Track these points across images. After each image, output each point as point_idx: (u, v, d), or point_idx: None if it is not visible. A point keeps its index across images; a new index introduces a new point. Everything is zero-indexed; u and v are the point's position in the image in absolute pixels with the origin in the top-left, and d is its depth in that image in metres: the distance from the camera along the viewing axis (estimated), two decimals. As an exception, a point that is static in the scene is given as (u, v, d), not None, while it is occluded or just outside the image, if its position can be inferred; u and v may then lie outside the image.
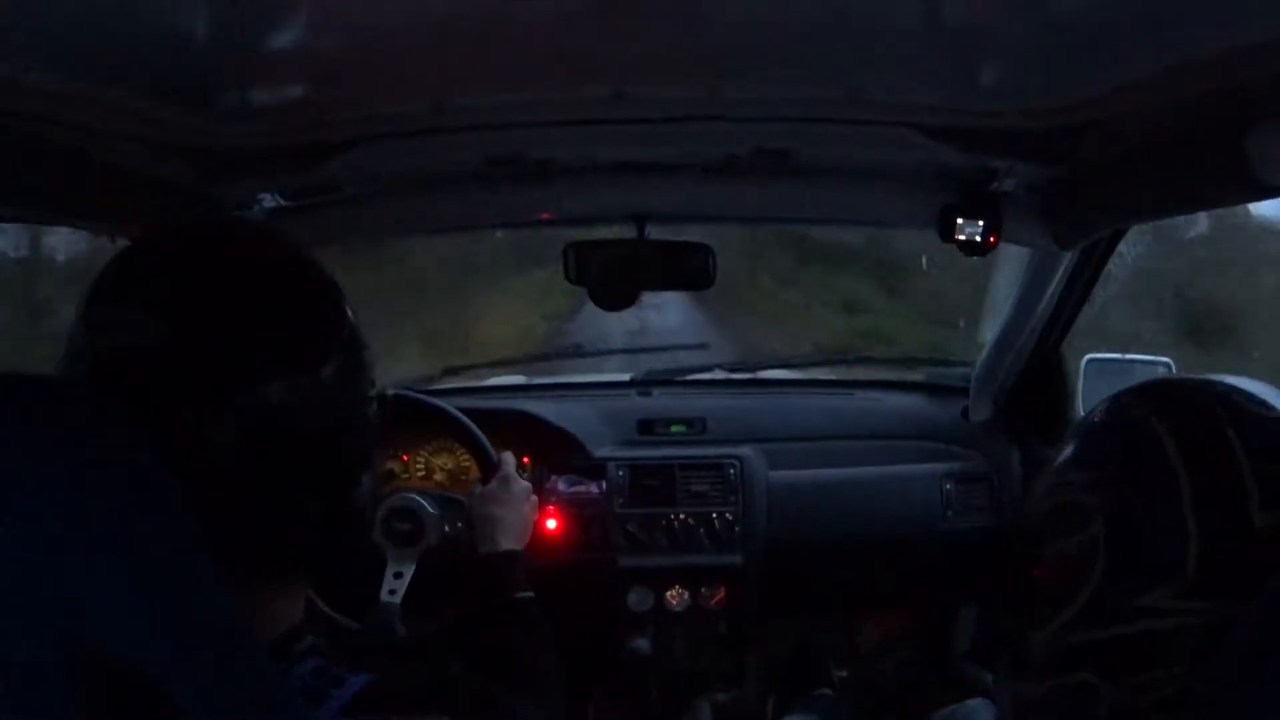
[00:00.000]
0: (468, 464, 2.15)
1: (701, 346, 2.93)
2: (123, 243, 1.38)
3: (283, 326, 0.78)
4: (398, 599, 1.82)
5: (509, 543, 1.67)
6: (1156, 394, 0.85)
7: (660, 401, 2.48)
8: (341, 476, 0.83)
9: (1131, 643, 0.77)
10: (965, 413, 2.39)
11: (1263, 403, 0.82)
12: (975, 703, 1.19)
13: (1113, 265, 1.94)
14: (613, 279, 1.78)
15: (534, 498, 1.79)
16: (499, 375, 2.82)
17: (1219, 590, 0.74)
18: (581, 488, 2.18)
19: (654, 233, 1.83)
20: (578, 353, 2.86)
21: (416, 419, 2.05)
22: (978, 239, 1.64)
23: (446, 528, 1.89)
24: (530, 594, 1.56)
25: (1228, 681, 0.71)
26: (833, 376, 2.81)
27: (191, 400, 0.72)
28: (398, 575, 1.84)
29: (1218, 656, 0.72)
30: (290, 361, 0.78)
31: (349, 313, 0.85)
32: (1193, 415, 0.80)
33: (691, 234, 1.93)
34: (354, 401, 0.84)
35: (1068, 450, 0.88)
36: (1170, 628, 0.75)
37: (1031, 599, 0.86)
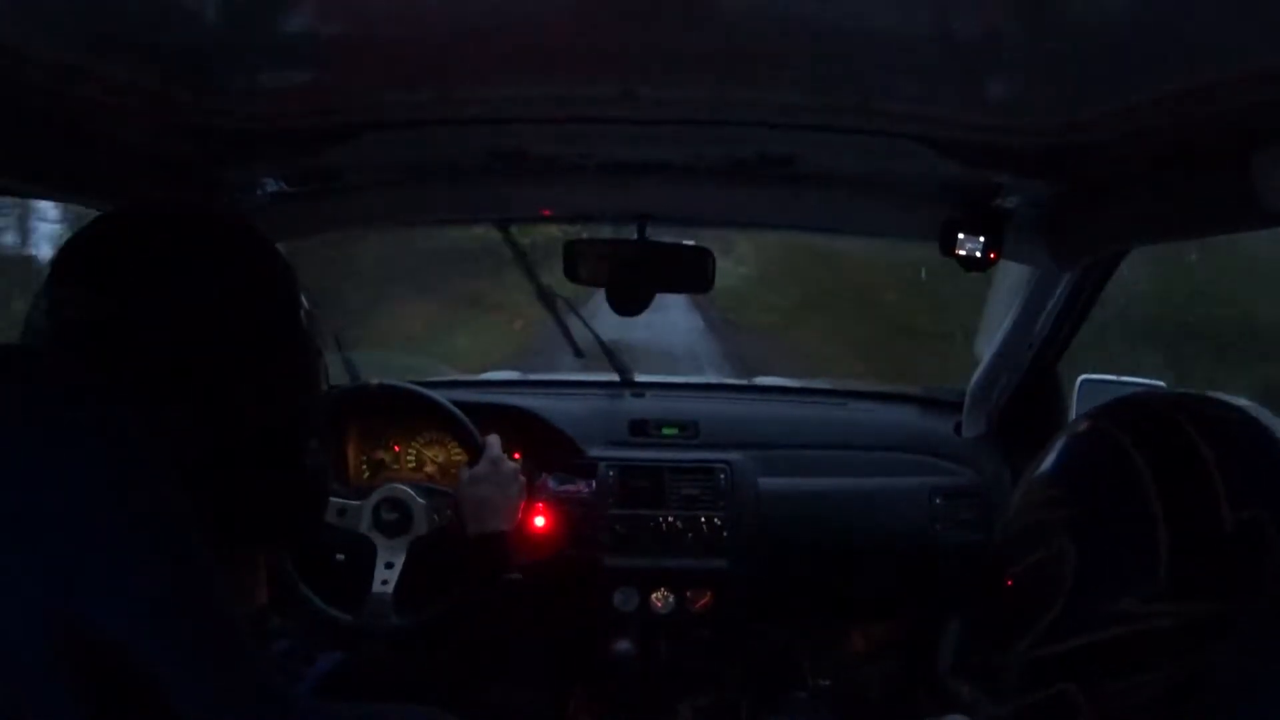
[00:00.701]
0: (459, 457, 2.15)
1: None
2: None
3: (231, 310, 0.78)
4: (390, 589, 1.83)
5: (497, 524, 1.68)
6: (1122, 409, 0.85)
7: (653, 403, 2.48)
8: (290, 450, 0.84)
9: (1106, 649, 0.77)
10: (958, 428, 2.39)
11: (1229, 407, 0.83)
12: (958, 718, 1.19)
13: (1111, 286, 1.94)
14: (611, 279, 1.78)
15: (521, 479, 1.80)
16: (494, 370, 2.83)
17: (1192, 591, 0.74)
18: (571, 486, 2.18)
19: (653, 234, 1.83)
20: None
21: (406, 409, 2.06)
22: (978, 254, 1.64)
23: (435, 516, 1.89)
24: (517, 575, 1.57)
25: (1232, 680, 0.72)
26: (827, 385, 2.81)
27: (141, 377, 0.72)
28: (389, 565, 1.85)
29: (1208, 656, 0.73)
30: (239, 345, 0.78)
31: (303, 299, 0.85)
32: (1157, 425, 0.80)
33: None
34: (304, 384, 0.84)
35: (1036, 470, 0.88)
36: (1144, 631, 0.75)
37: (1001, 618, 0.87)
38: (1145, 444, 0.79)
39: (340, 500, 1.87)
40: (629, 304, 1.79)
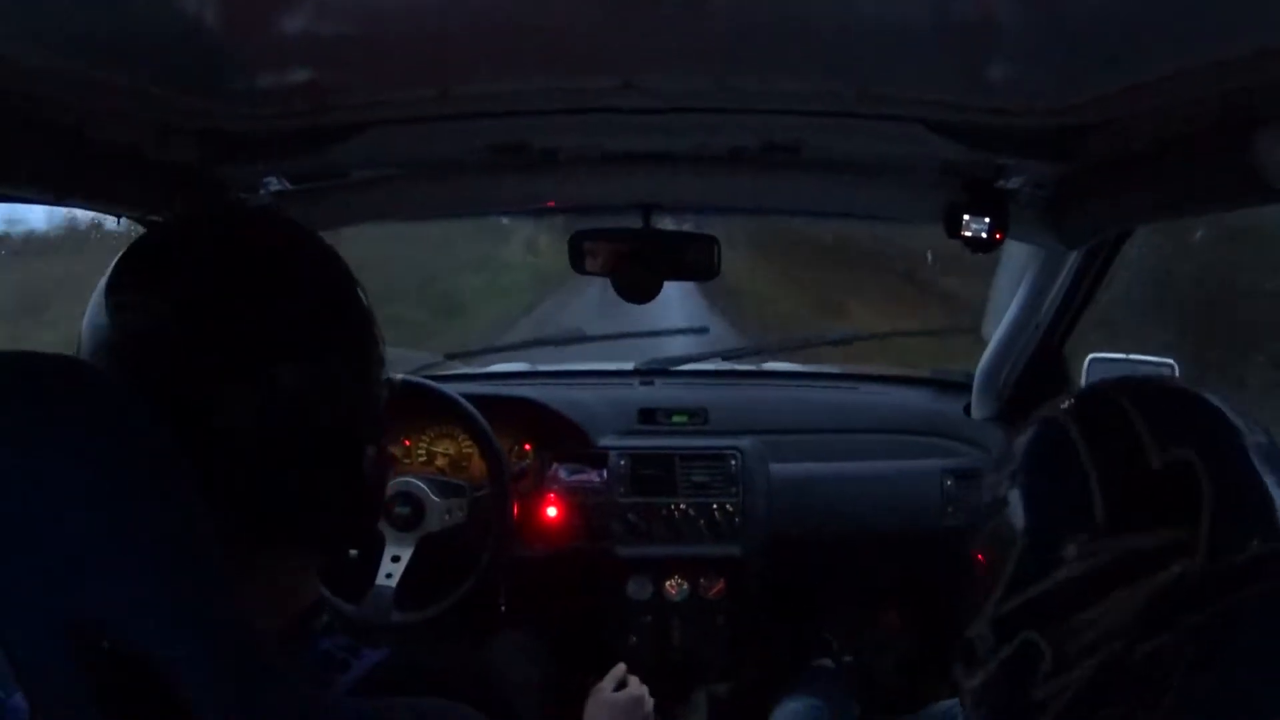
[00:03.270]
0: (469, 450, 2.16)
1: (702, 330, 2.93)
2: (128, 223, 1.40)
3: (294, 311, 0.78)
4: (394, 583, 1.84)
5: None
6: (1074, 400, 0.91)
7: (662, 391, 2.48)
8: (350, 452, 0.83)
9: (1058, 592, 0.82)
10: (968, 409, 2.39)
11: (1160, 378, 0.88)
12: (950, 703, 1.20)
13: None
14: (617, 269, 1.78)
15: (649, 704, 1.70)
16: (502, 362, 2.83)
17: (1128, 526, 0.80)
18: (583, 476, 2.18)
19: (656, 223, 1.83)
20: (582, 338, 2.85)
21: (419, 406, 2.06)
22: (984, 235, 1.64)
23: (447, 515, 1.90)
24: None
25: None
26: (836, 370, 2.81)
27: (204, 383, 0.72)
28: (395, 559, 1.86)
29: (1151, 584, 0.78)
30: (301, 345, 0.78)
31: (361, 296, 0.85)
32: (1093, 401, 0.88)
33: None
34: (365, 384, 0.84)
35: (994, 463, 0.95)
36: (1089, 570, 0.81)
37: (971, 592, 0.93)
38: (1080, 418, 0.86)
39: None
40: (637, 293, 1.79)
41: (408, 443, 2.21)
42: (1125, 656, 0.79)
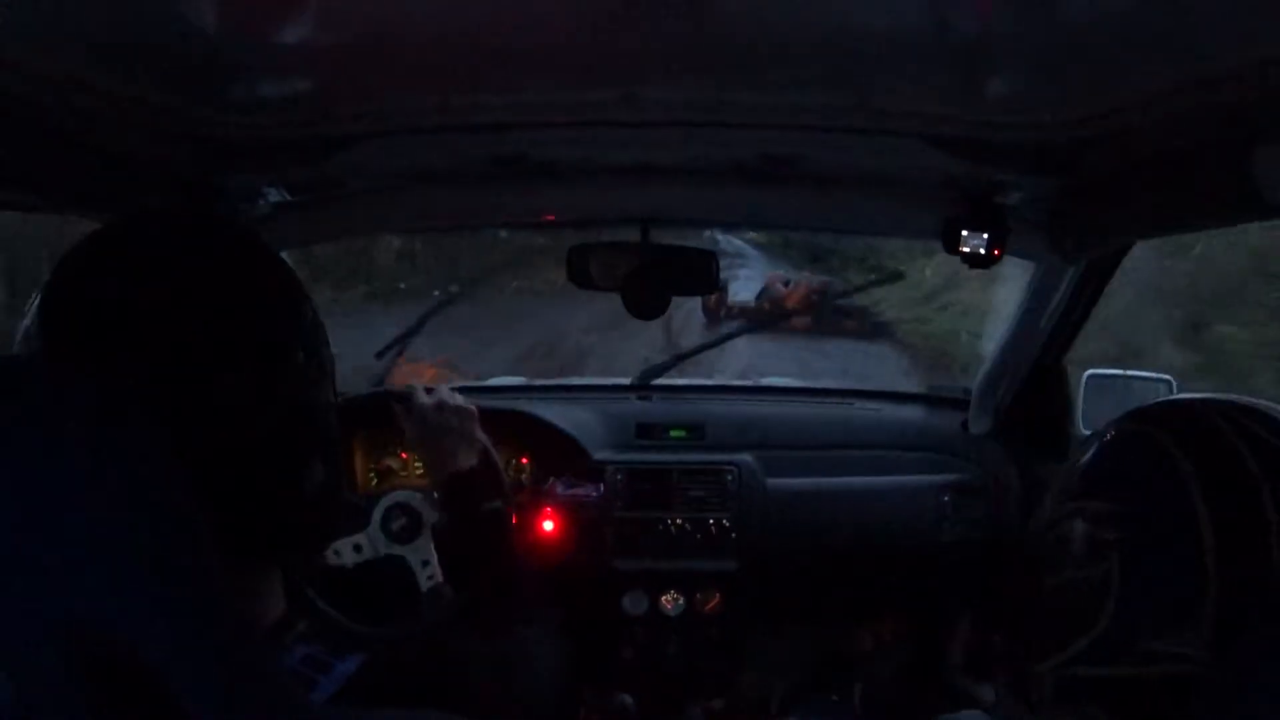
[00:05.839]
0: None
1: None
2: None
3: (235, 323, 0.77)
4: (438, 579, 1.82)
5: (454, 464, 1.60)
6: (1175, 420, 0.82)
7: (660, 406, 2.48)
8: (291, 463, 0.82)
9: (1138, 684, 0.76)
10: (965, 425, 2.39)
11: None
12: (972, 714, 1.19)
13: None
14: (620, 284, 1.78)
15: (472, 408, 1.66)
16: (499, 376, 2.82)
17: (1233, 643, 0.72)
18: (579, 490, 2.18)
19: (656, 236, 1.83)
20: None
21: None
22: (982, 251, 1.64)
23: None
24: (497, 504, 1.54)
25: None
26: (833, 385, 2.81)
27: (145, 396, 0.71)
28: (425, 563, 1.84)
29: (1241, 706, 0.70)
30: (243, 358, 0.77)
31: (308, 308, 0.84)
32: (1217, 452, 0.77)
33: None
34: (311, 396, 0.83)
35: (1078, 472, 0.86)
36: (1185, 673, 0.74)
37: (1035, 627, 0.85)
38: (1204, 473, 0.76)
39: (351, 539, 1.84)
40: (647, 309, 1.78)
41: (405, 456, 2.21)
42: None
